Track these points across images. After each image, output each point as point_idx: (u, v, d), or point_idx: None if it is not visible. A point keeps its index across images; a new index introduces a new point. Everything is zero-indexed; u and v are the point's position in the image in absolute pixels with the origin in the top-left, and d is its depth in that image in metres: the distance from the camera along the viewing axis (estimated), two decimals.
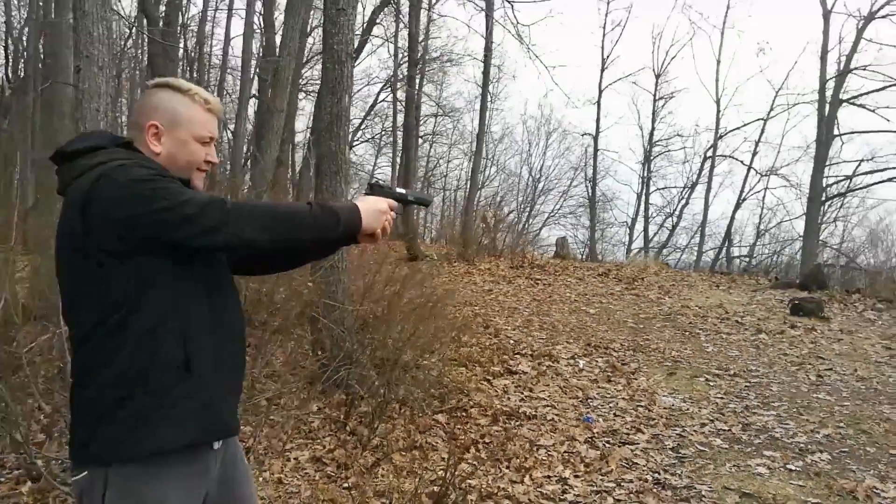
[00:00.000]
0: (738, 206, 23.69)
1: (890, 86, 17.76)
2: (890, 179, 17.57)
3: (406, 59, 15.87)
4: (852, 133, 18.13)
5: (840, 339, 7.48)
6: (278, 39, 12.10)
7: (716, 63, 23.41)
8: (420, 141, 20.19)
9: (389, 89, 20.40)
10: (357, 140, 22.42)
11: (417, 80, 16.36)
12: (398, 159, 19.85)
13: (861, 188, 18.56)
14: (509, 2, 13.44)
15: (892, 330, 8.07)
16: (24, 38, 14.87)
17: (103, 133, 1.83)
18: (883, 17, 17.94)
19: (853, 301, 9.65)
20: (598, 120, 24.22)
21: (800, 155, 21.46)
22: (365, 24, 16.43)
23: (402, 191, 1.84)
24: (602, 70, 24.08)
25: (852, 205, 22.15)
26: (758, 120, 22.90)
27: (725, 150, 24.05)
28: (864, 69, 17.65)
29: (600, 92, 24.12)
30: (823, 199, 18.11)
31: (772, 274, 15.70)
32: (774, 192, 23.82)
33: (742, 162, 23.54)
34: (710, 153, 23.72)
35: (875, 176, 17.97)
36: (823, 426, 4.79)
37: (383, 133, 24.14)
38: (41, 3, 12.96)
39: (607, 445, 4.44)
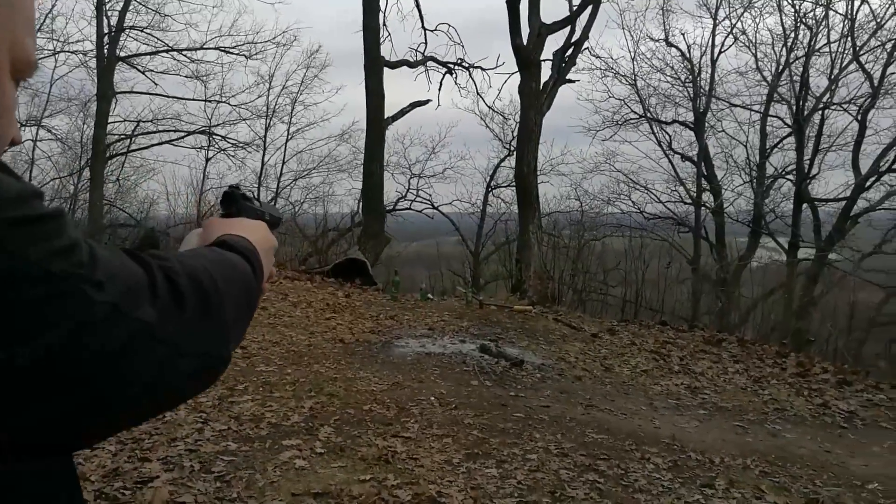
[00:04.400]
0: None
1: (162, 51, 18.86)
2: (168, 141, 18.76)
3: None
4: (133, 92, 18.43)
5: None
6: None
7: None
8: None
9: None
10: None
11: None
12: None
13: (142, 148, 19.09)
14: None
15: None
16: None
17: None
18: None
19: None
20: None
21: (71, 107, 20.33)
22: None
23: (258, 205, 1.11)
24: None
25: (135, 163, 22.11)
26: None
27: None
28: (142, 31, 18.11)
29: None
30: (108, 155, 17.86)
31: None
32: (41, 144, 21.87)
33: None
34: None
35: (156, 137, 18.81)
36: (300, 400, 4.99)
37: None
38: None
39: (125, 493, 3.45)
